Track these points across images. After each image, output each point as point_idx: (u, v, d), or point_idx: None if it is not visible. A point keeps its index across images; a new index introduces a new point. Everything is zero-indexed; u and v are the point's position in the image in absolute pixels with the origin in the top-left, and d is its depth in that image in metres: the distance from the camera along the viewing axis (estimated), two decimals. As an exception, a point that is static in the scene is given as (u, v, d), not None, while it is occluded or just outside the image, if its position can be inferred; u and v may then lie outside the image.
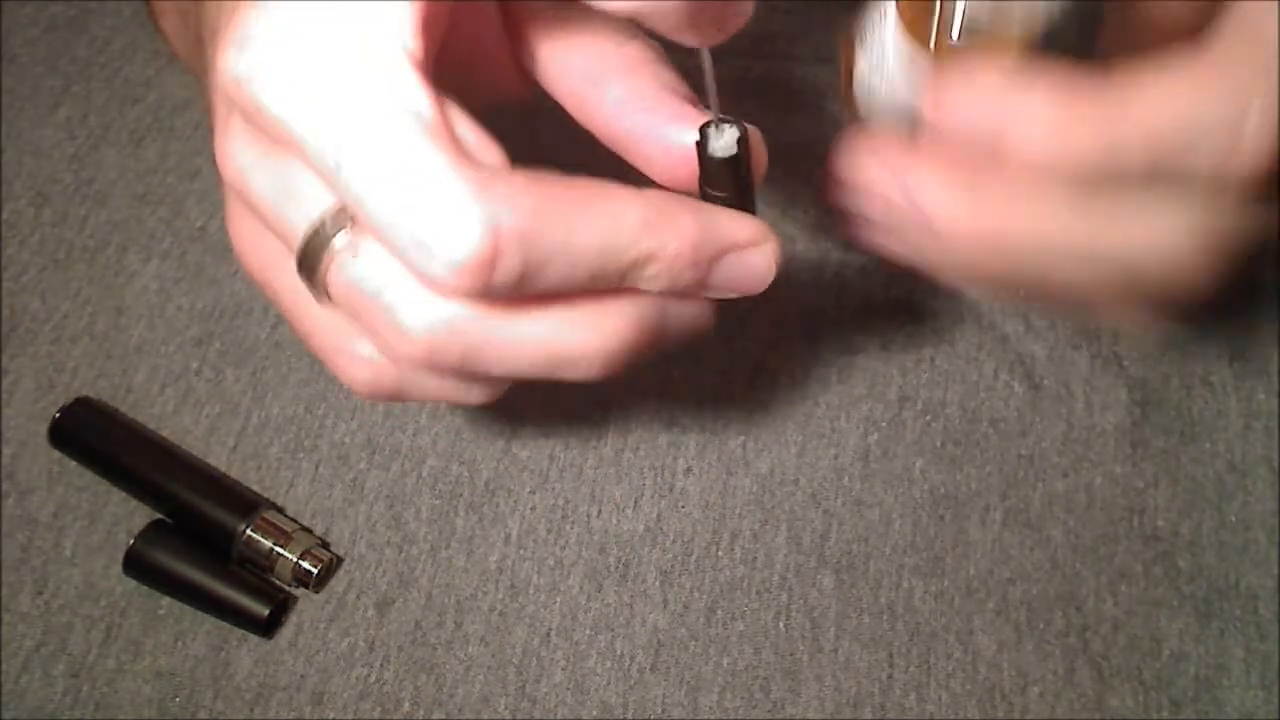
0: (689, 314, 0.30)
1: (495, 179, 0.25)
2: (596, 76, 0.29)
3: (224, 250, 0.46)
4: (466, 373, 0.28)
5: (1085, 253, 0.28)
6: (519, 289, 0.26)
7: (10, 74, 0.50)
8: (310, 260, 0.28)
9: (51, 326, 0.44)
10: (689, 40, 0.27)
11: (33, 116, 0.49)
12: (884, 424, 0.42)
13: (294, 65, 0.26)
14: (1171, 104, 0.26)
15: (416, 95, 0.26)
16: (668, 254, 0.27)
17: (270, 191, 0.28)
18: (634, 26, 0.29)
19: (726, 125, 0.28)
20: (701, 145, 0.28)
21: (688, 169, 0.29)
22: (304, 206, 0.27)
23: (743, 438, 0.42)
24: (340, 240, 0.27)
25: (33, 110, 0.50)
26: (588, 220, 0.26)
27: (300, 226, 0.28)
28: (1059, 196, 0.27)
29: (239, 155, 0.28)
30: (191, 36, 0.41)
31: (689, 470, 0.41)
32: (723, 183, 0.28)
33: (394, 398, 0.30)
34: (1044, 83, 0.27)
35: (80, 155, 0.48)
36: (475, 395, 0.30)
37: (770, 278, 0.29)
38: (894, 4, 0.28)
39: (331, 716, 0.37)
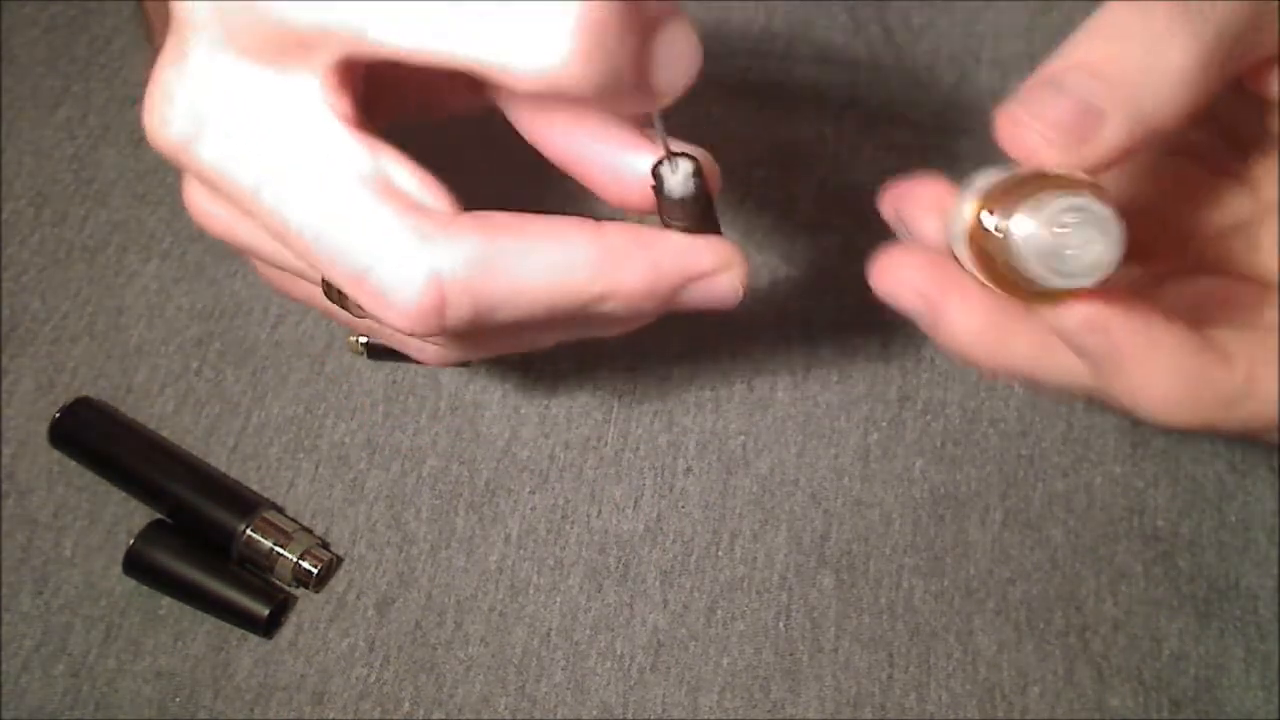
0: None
1: (436, 228, 0.25)
2: (544, 104, 0.29)
3: (224, 250, 0.46)
4: (517, 348, 0.29)
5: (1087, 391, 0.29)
6: (478, 328, 0.26)
7: (10, 74, 0.50)
8: (336, 296, 0.29)
9: (51, 326, 0.44)
10: (624, 108, 0.27)
11: (33, 116, 0.49)
12: (884, 424, 0.42)
13: (226, 132, 0.26)
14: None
15: (350, 151, 0.26)
16: (623, 292, 0.27)
17: (261, 244, 0.28)
18: None
19: (680, 160, 0.27)
20: (658, 187, 0.28)
21: (640, 196, 0.28)
22: None
23: (743, 438, 0.42)
24: None
25: (33, 110, 0.50)
26: (534, 265, 0.26)
27: (307, 268, 0.28)
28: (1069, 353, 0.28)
29: (211, 215, 0.28)
30: None
31: (689, 470, 0.41)
32: (683, 215, 0.28)
33: (461, 360, 0.31)
34: (978, 295, 0.27)
35: (80, 155, 0.48)
36: (540, 344, 0.31)
37: (737, 299, 0.29)
38: (974, 197, 0.27)
39: (331, 716, 0.37)
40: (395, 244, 0.25)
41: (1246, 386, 0.27)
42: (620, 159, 0.28)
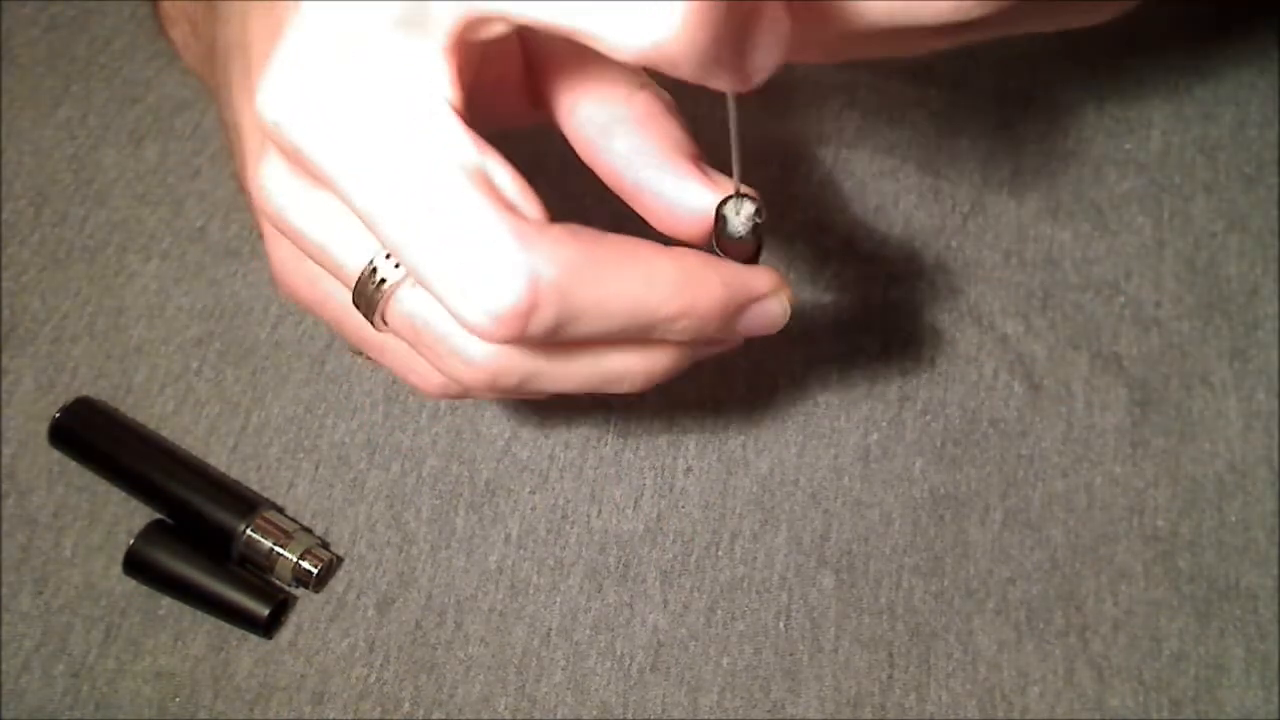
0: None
1: (536, 233, 0.26)
2: (605, 127, 0.29)
3: (224, 250, 0.46)
4: (524, 392, 0.30)
5: None
6: (552, 338, 0.27)
7: (10, 74, 0.50)
8: (367, 299, 0.28)
9: (51, 326, 0.44)
10: (716, 84, 0.27)
11: (33, 116, 0.49)
12: (884, 424, 0.42)
13: (334, 111, 0.26)
14: None
15: (460, 144, 0.26)
16: (697, 312, 0.28)
17: (314, 229, 0.28)
18: (645, 74, 0.30)
19: (744, 201, 0.28)
20: (720, 225, 0.29)
21: (691, 228, 0.29)
22: (351, 245, 0.28)
23: (743, 438, 0.42)
24: (394, 277, 0.27)
25: (33, 110, 0.50)
26: (621, 280, 0.26)
27: (348, 264, 0.28)
28: None
29: (278, 192, 0.29)
30: (203, 48, 0.41)
31: (689, 470, 0.41)
32: (737, 252, 0.29)
33: (464, 397, 0.32)
34: None
35: (80, 155, 0.48)
36: (539, 395, 0.31)
37: (785, 320, 0.30)
38: None
39: (331, 716, 0.37)
40: (496, 242, 0.25)
41: None
42: (675, 190, 0.29)
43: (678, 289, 0.27)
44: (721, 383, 0.43)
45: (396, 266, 0.27)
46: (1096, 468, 0.41)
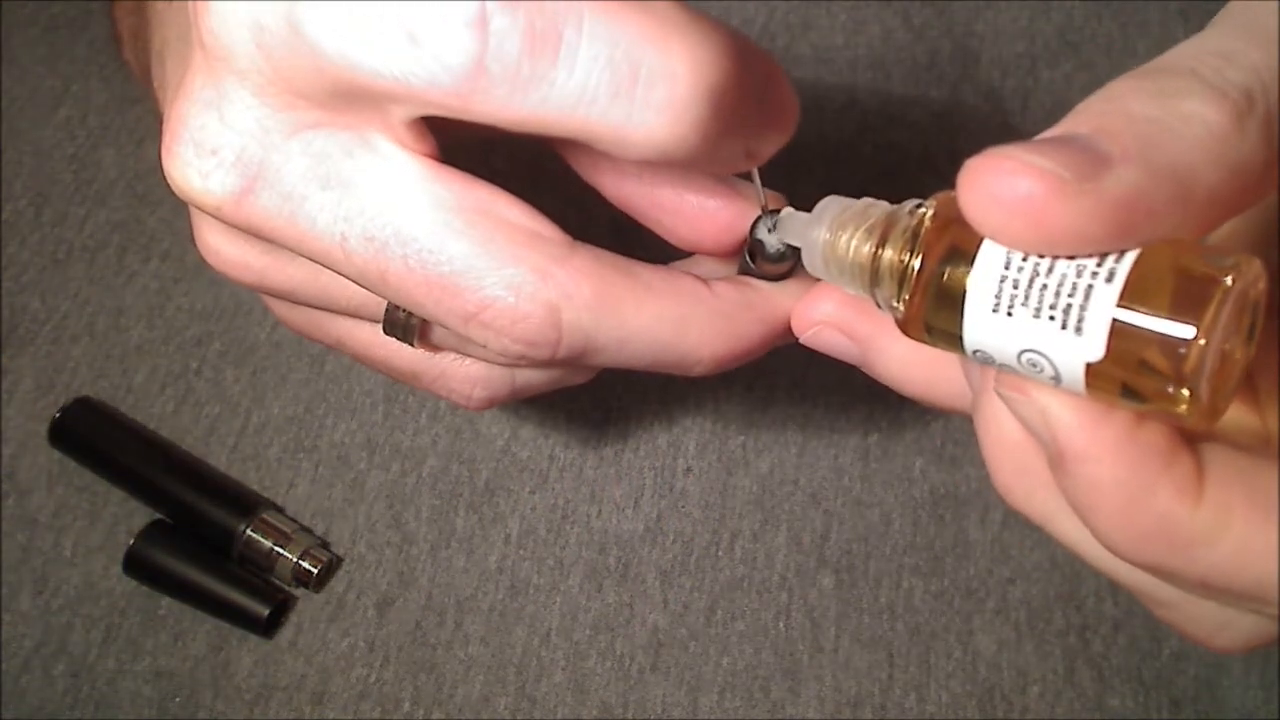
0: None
1: (553, 263, 0.24)
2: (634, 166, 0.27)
3: (224, 250, 0.46)
4: (585, 365, 0.28)
5: None
6: (582, 362, 0.26)
7: (10, 74, 0.50)
8: (402, 327, 0.27)
9: (51, 326, 0.44)
10: (724, 172, 0.26)
11: (33, 116, 0.49)
12: (884, 424, 0.42)
13: (293, 181, 0.24)
14: None
15: (444, 188, 0.24)
16: (736, 356, 0.27)
17: (307, 284, 0.27)
18: None
19: (774, 216, 0.27)
20: (756, 245, 0.27)
21: (714, 240, 0.28)
22: (352, 288, 0.26)
23: (743, 438, 0.42)
24: None
25: (33, 110, 0.50)
26: (647, 321, 0.25)
27: (365, 304, 0.27)
28: None
29: (249, 262, 0.27)
30: (143, 66, 0.39)
31: (689, 470, 0.41)
32: (777, 270, 0.28)
33: (508, 401, 0.30)
34: None
35: (80, 155, 0.48)
36: (582, 377, 0.30)
37: None
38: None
39: (331, 716, 0.37)
40: (513, 278, 0.24)
41: (1216, 526, 0.21)
42: (696, 203, 0.27)
43: (716, 333, 0.26)
44: (721, 383, 0.43)
45: None
46: (1096, 468, 0.41)
